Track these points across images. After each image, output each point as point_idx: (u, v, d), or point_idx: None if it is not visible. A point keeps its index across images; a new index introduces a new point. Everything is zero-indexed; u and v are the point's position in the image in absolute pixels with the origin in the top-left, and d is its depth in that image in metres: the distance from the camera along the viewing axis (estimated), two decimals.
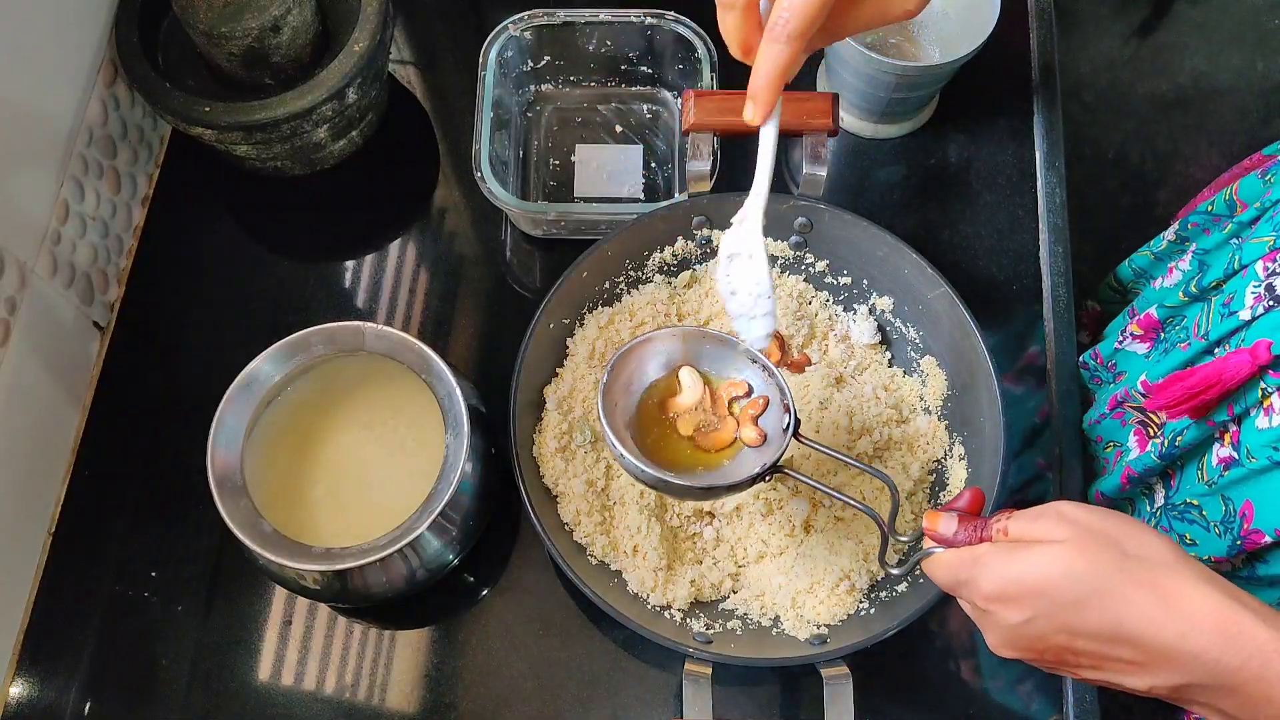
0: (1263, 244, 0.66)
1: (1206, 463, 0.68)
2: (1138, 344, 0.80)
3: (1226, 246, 0.74)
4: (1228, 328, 0.66)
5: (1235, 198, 0.77)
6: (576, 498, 0.72)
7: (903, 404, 0.77)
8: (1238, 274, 0.68)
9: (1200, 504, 0.68)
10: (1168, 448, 0.70)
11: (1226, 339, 0.66)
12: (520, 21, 0.87)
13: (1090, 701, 0.71)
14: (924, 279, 0.75)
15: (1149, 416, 0.75)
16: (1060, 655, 0.50)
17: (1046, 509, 0.51)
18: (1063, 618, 0.48)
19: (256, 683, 0.73)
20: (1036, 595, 0.48)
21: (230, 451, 0.65)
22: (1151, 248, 0.88)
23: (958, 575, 0.53)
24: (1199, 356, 0.69)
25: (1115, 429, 0.79)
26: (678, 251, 0.79)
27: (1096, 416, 0.81)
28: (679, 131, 0.90)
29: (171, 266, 0.86)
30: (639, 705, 0.72)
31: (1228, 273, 0.69)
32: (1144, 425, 0.76)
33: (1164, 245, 0.86)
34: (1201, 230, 0.81)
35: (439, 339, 0.83)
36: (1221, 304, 0.68)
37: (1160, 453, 0.71)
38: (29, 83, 0.74)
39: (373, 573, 0.65)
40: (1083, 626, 0.48)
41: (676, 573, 0.72)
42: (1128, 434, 0.78)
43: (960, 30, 0.87)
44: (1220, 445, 0.67)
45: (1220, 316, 0.67)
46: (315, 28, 0.82)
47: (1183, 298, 0.74)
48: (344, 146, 0.88)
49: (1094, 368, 0.85)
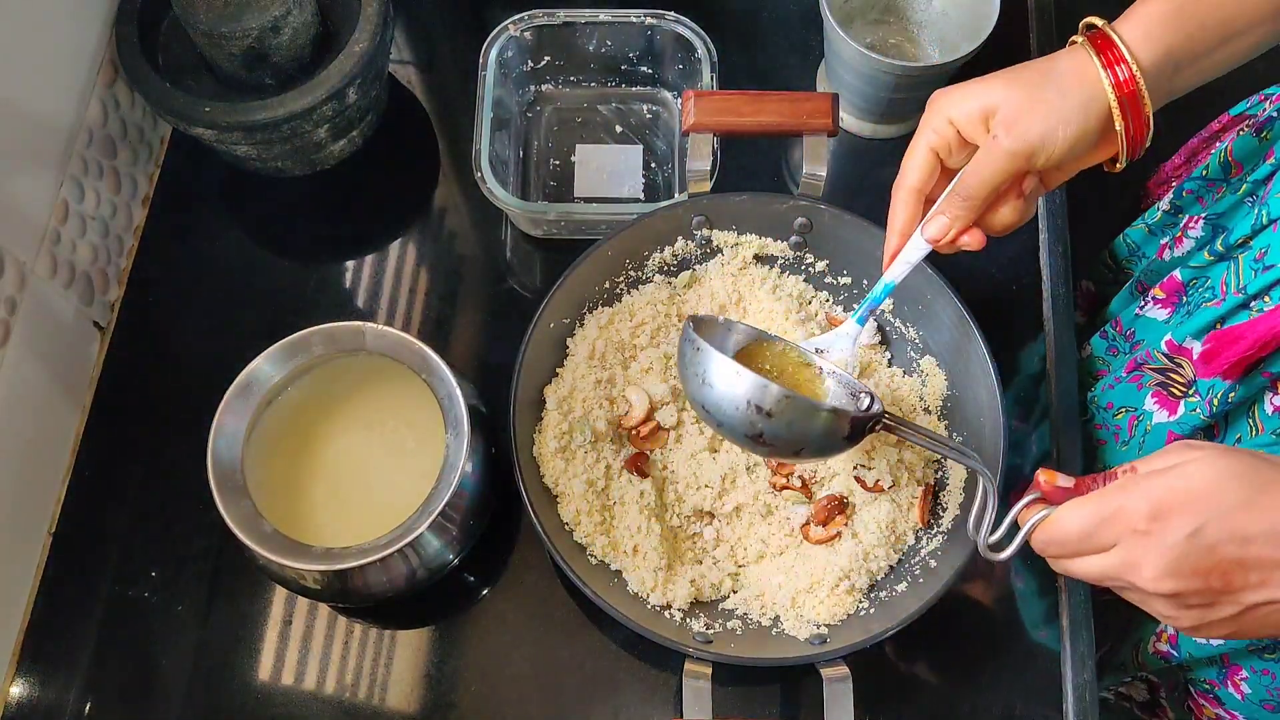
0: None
1: (1259, 413, 0.68)
2: (1159, 309, 0.79)
3: (1243, 206, 0.73)
4: (1267, 280, 0.65)
5: (1230, 159, 0.77)
6: (576, 498, 0.72)
7: (903, 404, 0.77)
8: (1267, 229, 0.67)
9: (1270, 451, 0.67)
10: (1219, 404, 0.69)
11: (1267, 291, 0.66)
12: (520, 21, 0.87)
13: (1090, 701, 0.71)
14: (924, 279, 0.75)
15: (1170, 377, 0.74)
16: (1228, 575, 0.47)
17: (1169, 446, 0.50)
18: (1233, 521, 0.46)
19: (256, 683, 0.73)
20: (1204, 498, 0.47)
21: (230, 452, 0.65)
22: (1146, 219, 0.88)
23: (1099, 513, 0.50)
24: (1234, 312, 0.68)
25: (1131, 393, 0.78)
26: (677, 251, 0.79)
27: (1111, 382, 0.81)
28: (679, 131, 0.90)
29: (171, 266, 0.86)
30: (639, 705, 0.72)
31: (1255, 228, 0.68)
32: (1164, 387, 0.75)
33: (1158, 216, 0.86)
34: (1196, 198, 0.81)
35: (439, 339, 0.83)
36: (1253, 259, 0.67)
37: (1210, 411, 0.70)
38: (29, 83, 0.74)
39: (373, 573, 0.65)
40: (1256, 527, 0.46)
41: (676, 573, 0.72)
42: (1144, 397, 0.77)
43: (960, 30, 0.87)
44: (1274, 394, 0.66)
45: (1254, 272, 0.67)
46: (315, 28, 0.82)
47: (1208, 257, 0.73)
48: (344, 146, 0.87)
49: (1112, 336, 0.84)
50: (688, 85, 0.89)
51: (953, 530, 0.71)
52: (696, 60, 0.86)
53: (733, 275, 0.80)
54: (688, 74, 0.89)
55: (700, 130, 0.73)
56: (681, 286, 0.81)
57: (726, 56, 0.87)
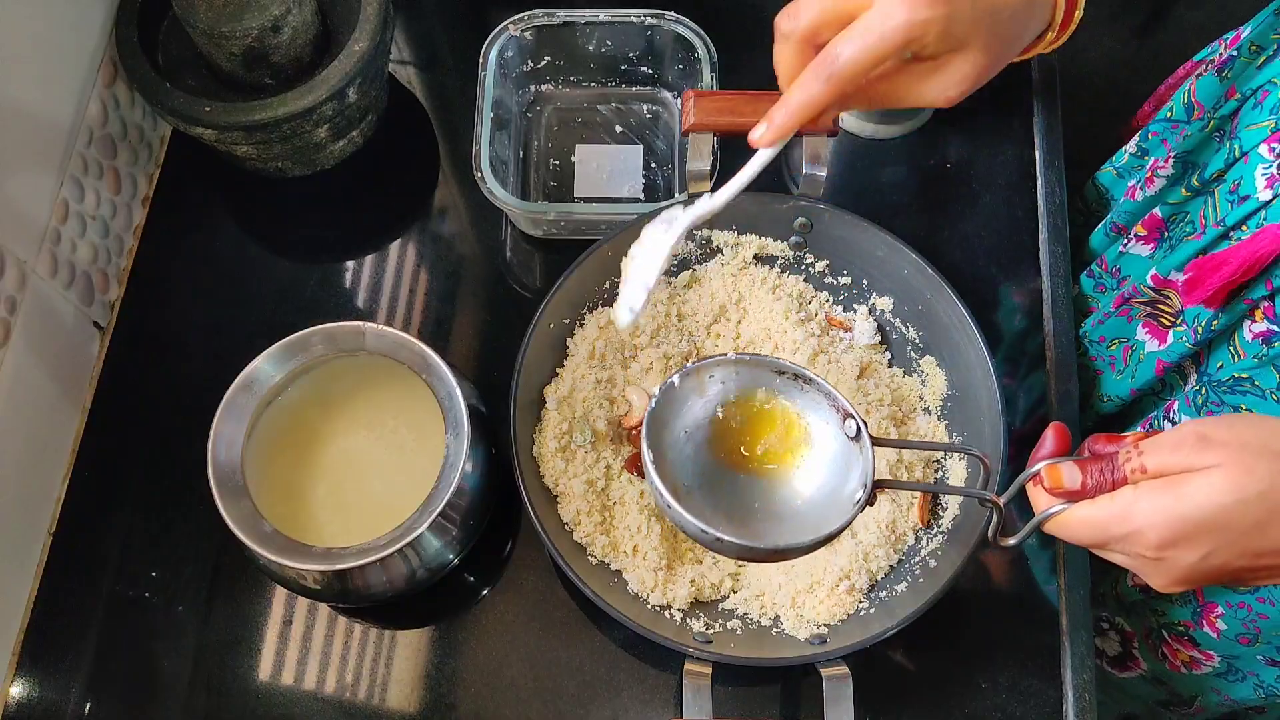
0: (1263, 128, 0.66)
1: (1239, 340, 0.69)
2: (1142, 245, 0.80)
3: (1212, 141, 0.74)
4: (1244, 211, 0.66)
5: (1193, 99, 0.77)
6: (576, 498, 0.72)
7: (903, 404, 0.77)
8: (1239, 161, 0.68)
9: (1251, 376, 0.68)
10: (1204, 332, 0.70)
11: (1244, 221, 0.66)
12: (520, 21, 0.87)
13: (1090, 701, 0.71)
14: (924, 279, 0.75)
15: (1159, 308, 0.75)
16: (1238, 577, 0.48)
17: (1182, 434, 0.48)
18: (1244, 543, 0.46)
19: (257, 683, 0.73)
20: (1214, 530, 0.46)
21: (230, 451, 0.65)
22: (1114, 163, 0.89)
23: (1109, 531, 0.49)
24: (1214, 243, 0.69)
25: (1122, 325, 0.79)
26: (677, 251, 0.79)
27: (1100, 318, 0.82)
28: (679, 131, 0.90)
29: (171, 266, 0.86)
30: (639, 705, 0.72)
31: (1228, 162, 0.69)
32: (1153, 318, 0.76)
33: (1125, 159, 0.87)
34: (1160, 140, 0.81)
35: (439, 339, 0.83)
36: (1228, 191, 0.68)
37: (1195, 339, 0.71)
38: (29, 83, 0.74)
39: (373, 573, 0.65)
40: (1268, 545, 0.46)
41: (676, 573, 0.72)
42: (1135, 328, 0.78)
43: None
44: (1253, 321, 0.67)
45: (1230, 204, 0.67)
46: (315, 28, 0.82)
47: (1185, 193, 0.74)
48: (344, 146, 0.87)
49: (1099, 275, 0.85)
50: (688, 85, 0.89)
51: (953, 530, 0.71)
52: (696, 60, 0.86)
53: (733, 275, 0.80)
54: (688, 74, 0.89)
55: (700, 130, 0.73)
56: (681, 286, 0.81)
57: (726, 56, 0.87)
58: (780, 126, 0.56)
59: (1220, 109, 0.73)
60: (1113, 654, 0.91)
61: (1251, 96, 0.69)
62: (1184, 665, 0.83)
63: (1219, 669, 0.80)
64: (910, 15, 0.51)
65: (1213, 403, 0.71)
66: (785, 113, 0.56)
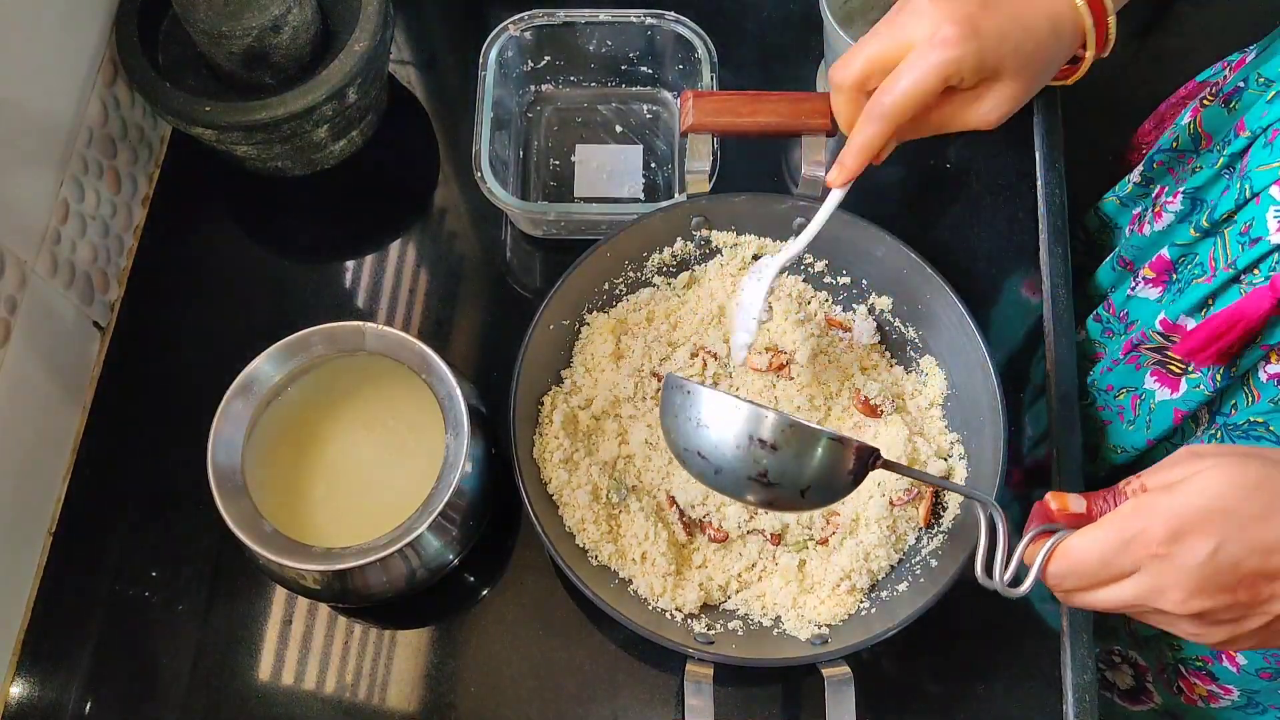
0: (1274, 169, 0.66)
1: (1254, 381, 0.68)
2: (1150, 288, 0.79)
3: (1222, 179, 0.74)
4: (1256, 254, 0.66)
5: (1200, 130, 0.77)
6: (582, 507, 0.71)
7: (903, 404, 0.77)
8: (1250, 202, 0.68)
9: (1267, 420, 0.68)
10: (1222, 379, 0.70)
11: (1256, 264, 0.66)
12: (520, 21, 0.86)
13: (1090, 702, 0.71)
14: (924, 279, 0.75)
15: (1167, 356, 0.75)
16: (1255, 588, 0.47)
17: (1176, 454, 0.50)
18: (1251, 533, 0.46)
19: (256, 683, 0.73)
20: (1219, 516, 0.47)
21: (230, 451, 0.65)
22: (1117, 192, 0.88)
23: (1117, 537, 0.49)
24: (1225, 287, 0.69)
25: (1130, 373, 0.79)
26: (677, 252, 0.79)
27: (1109, 364, 0.81)
28: (679, 131, 0.89)
29: (171, 266, 0.86)
30: (639, 705, 0.72)
31: (1239, 202, 0.69)
32: (1162, 365, 0.76)
33: (1129, 189, 0.86)
34: (1166, 169, 0.81)
35: (439, 339, 0.83)
36: (1238, 233, 0.68)
37: (1214, 387, 0.71)
38: (29, 82, 0.74)
39: (373, 573, 0.65)
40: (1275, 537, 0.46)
41: (685, 577, 0.71)
42: (1143, 376, 0.77)
43: None
44: (1267, 363, 0.67)
45: (1240, 246, 0.67)
46: (316, 27, 0.82)
47: (1194, 234, 0.74)
48: (344, 146, 0.87)
49: (1106, 319, 0.85)
50: (688, 85, 0.89)
51: (954, 530, 0.71)
52: (696, 60, 0.86)
53: (732, 276, 0.80)
54: (688, 74, 0.89)
55: (699, 130, 0.73)
56: (681, 287, 0.81)
57: (726, 56, 0.87)
58: (850, 168, 0.64)
59: (1230, 145, 0.72)
60: (1125, 687, 0.90)
61: (1262, 135, 0.69)
62: (1201, 699, 0.81)
63: (1238, 702, 0.79)
64: (943, 55, 0.58)
65: None
66: (851, 154, 0.63)
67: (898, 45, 0.60)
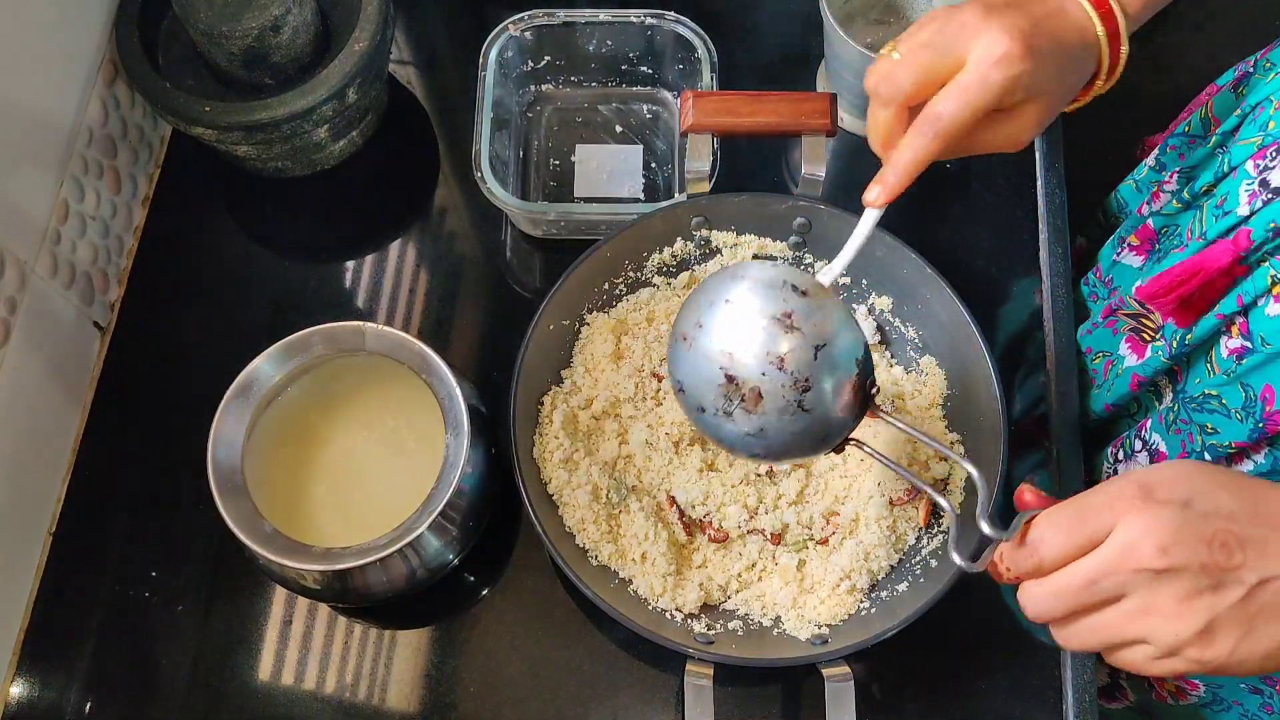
0: (1250, 145, 0.67)
1: (1215, 355, 0.69)
2: (1134, 255, 0.80)
3: (1212, 158, 0.74)
4: (1225, 225, 0.66)
5: (1210, 115, 0.78)
6: (581, 507, 0.71)
7: (903, 403, 0.77)
8: (1228, 176, 0.68)
9: (1219, 393, 0.68)
10: (1178, 347, 0.70)
11: (1224, 235, 0.67)
12: (520, 21, 0.87)
13: (1090, 702, 0.71)
14: (924, 279, 0.75)
15: (1142, 323, 0.76)
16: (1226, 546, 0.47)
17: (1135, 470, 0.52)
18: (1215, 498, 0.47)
19: (256, 683, 0.73)
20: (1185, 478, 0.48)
21: (230, 452, 0.65)
22: (1134, 176, 0.89)
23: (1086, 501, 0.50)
24: None
25: (1107, 338, 0.80)
26: (677, 252, 0.79)
27: (1089, 327, 0.82)
28: (679, 131, 0.89)
29: (171, 266, 0.86)
30: (639, 706, 0.72)
31: (1217, 177, 0.70)
32: (1136, 332, 0.76)
33: (1145, 173, 0.87)
34: (1178, 154, 0.82)
35: (439, 339, 0.83)
36: (1214, 205, 0.68)
37: (1170, 353, 0.71)
38: (29, 82, 0.74)
39: (373, 573, 0.65)
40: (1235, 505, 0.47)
41: (685, 577, 0.71)
42: (1119, 342, 0.78)
43: None
44: (1229, 337, 0.67)
45: (1214, 218, 0.68)
46: (315, 27, 0.82)
47: (1177, 205, 0.75)
48: (344, 146, 0.87)
49: (1093, 282, 0.86)
50: (688, 85, 0.89)
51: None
52: (696, 60, 0.86)
53: None
54: (688, 74, 0.89)
55: (699, 131, 0.73)
56: (681, 287, 0.81)
57: (726, 56, 0.87)
58: (892, 186, 0.61)
59: (1225, 123, 0.73)
60: (1101, 684, 0.91)
61: (1251, 112, 0.69)
62: (1170, 695, 0.83)
63: (1204, 699, 0.80)
64: (1006, 72, 0.57)
65: (1182, 420, 0.70)
66: (895, 172, 0.60)
67: (952, 60, 0.58)
